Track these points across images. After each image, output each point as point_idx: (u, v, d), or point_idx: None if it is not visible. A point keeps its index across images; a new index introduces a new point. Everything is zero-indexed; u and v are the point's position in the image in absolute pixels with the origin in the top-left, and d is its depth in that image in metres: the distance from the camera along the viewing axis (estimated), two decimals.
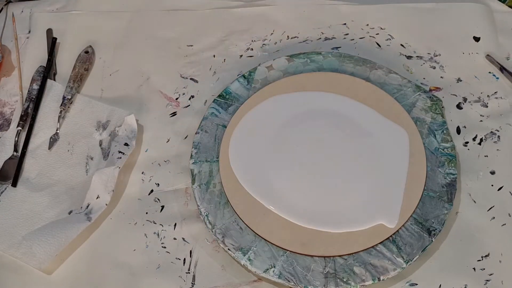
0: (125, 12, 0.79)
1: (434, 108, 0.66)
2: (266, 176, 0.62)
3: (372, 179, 0.61)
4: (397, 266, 0.55)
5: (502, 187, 0.62)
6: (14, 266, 0.59)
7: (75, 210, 0.62)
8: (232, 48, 0.75)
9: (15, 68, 0.74)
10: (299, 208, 0.59)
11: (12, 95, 0.72)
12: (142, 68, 0.74)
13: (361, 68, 0.69)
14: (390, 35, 0.75)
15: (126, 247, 0.60)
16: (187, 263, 0.59)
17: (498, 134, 0.65)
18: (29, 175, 0.65)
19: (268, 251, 0.57)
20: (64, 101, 0.69)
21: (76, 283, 0.58)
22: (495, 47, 0.73)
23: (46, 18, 0.79)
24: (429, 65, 0.72)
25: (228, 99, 0.68)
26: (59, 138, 0.68)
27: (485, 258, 0.58)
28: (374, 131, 0.64)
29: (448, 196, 0.59)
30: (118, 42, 0.76)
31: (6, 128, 0.69)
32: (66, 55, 0.75)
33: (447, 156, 0.62)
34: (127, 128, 0.66)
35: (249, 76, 0.70)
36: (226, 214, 0.60)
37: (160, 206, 0.63)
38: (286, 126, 0.65)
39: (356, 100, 0.67)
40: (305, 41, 0.75)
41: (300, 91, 0.68)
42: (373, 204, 0.59)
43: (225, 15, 0.78)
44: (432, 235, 0.57)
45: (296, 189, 0.61)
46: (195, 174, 0.62)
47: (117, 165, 0.62)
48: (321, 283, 0.55)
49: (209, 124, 0.66)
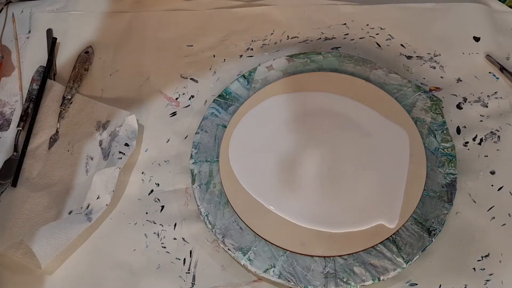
0: (125, 12, 0.79)
1: (434, 108, 0.66)
2: (266, 176, 0.62)
3: (372, 179, 0.61)
4: (397, 266, 0.55)
5: (502, 187, 0.62)
6: (14, 266, 0.59)
7: (75, 210, 0.62)
8: (232, 48, 0.75)
9: (15, 68, 0.74)
10: (299, 208, 0.59)
11: (12, 95, 0.72)
12: (142, 68, 0.74)
13: (361, 68, 0.69)
14: (390, 35, 0.75)
15: (126, 247, 0.60)
16: (187, 263, 0.59)
17: (498, 134, 0.65)
18: (29, 175, 0.65)
19: (268, 251, 0.57)
20: (64, 101, 0.69)
21: (76, 283, 0.58)
22: (495, 47, 0.73)
23: (46, 18, 0.79)
24: (429, 65, 0.72)
25: (228, 99, 0.68)
26: (59, 138, 0.68)
27: (485, 258, 0.58)
28: (374, 131, 0.64)
29: (448, 196, 0.59)
30: (118, 42, 0.76)
31: (6, 128, 0.69)
32: (66, 55, 0.75)
33: (447, 156, 0.62)
34: (128, 128, 0.66)
35: (249, 76, 0.70)
36: (226, 214, 0.60)
37: (160, 206, 0.63)
38: (286, 126, 0.65)
39: (356, 100, 0.67)
40: (305, 41, 0.75)
41: (300, 91, 0.68)
42: (373, 204, 0.59)
43: (225, 15, 0.78)
44: (432, 235, 0.57)
45: (296, 189, 0.61)
46: (195, 174, 0.62)
47: (117, 165, 0.62)
48: (321, 283, 0.55)
49: (209, 124, 0.66)
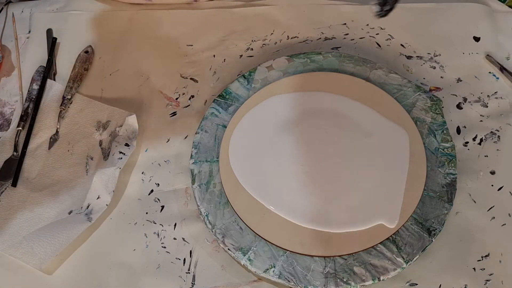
0: (125, 12, 0.79)
1: (434, 108, 0.66)
2: (266, 176, 0.62)
3: (372, 179, 0.61)
4: (397, 266, 0.55)
5: (502, 187, 0.62)
6: (14, 266, 0.59)
7: (75, 210, 0.62)
8: (232, 48, 0.75)
9: (15, 68, 0.74)
10: (299, 208, 0.59)
11: (12, 95, 0.72)
12: (142, 68, 0.74)
13: (361, 68, 0.69)
14: (390, 35, 0.75)
15: (126, 247, 0.60)
16: (187, 263, 0.59)
17: (498, 134, 0.65)
18: (29, 175, 0.65)
19: (268, 251, 0.57)
20: (64, 101, 0.69)
21: (76, 283, 0.58)
22: (495, 47, 0.73)
23: (46, 18, 0.79)
24: (429, 65, 0.72)
25: (228, 99, 0.68)
26: (59, 138, 0.68)
27: (485, 258, 0.58)
28: (374, 131, 0.64)
29: (448, 196, 0.59)
30: (118, 42, 0.76)
31: (6, 128, 0.69)
32: (66, 55, 0.75)
33: (447, 156, 0.62)
34: (128, 128, 0.66)
35: (249, 76, 0.70)
36: (226, 214, 0.60)
37: (160, 206, 0.63)
38: (286, 126, 0.65)
39: (356, 100, 0.67)
40: (305, 41, 0.75)
41: (300, 91, 0.68)
42: (373, 204, 0.59)
43: (225, 15, 0.78)
44: (432, 235, 0.57)
45: (296, 189, 0.61)
46: (195, 174, 0.62)
47: (117, 165, 0.62)
48: (321, 283, 0.55)
49: (209, 124, 0.66)
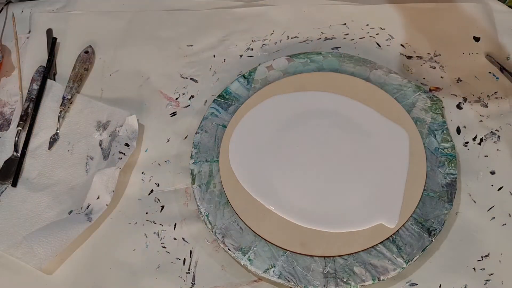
0: (125, 12, 0.79)
1: (434, 108, 0.66)
2: (266, 176, 0.62)
3: (372, 179, 0.61)
4: (397, 266, 0.55)
5: (502, 187, 0.62)
6: (14, 266, 0.59)
7: (75, 210, 0.62)
8: (232, 48, 0.75)
9: (15, 68, 0.74)
10: (299, 208, 0.59)
11: (12, 95, 0.72)
12: (142, 68, 0.74)
13: (361, 68, 0.69)
14: (390, 35, 0.75)
15: (126, 247, 0.60)
16: (187, 263, 0.59)
17: (498, 134, 0.65)
18: (29, 175, 0.65)
19: (268, 251, 0.57)
20: (64, 101, 0.69)
21: (76, 283, 0.58)
22: (495, 47, 0.73)
23: (46, 18, 0.79)
24: (429, 65, 0.72)
25: (228, 99, 0.68)
26: (59, 138, 0.68)
27: (485, 258, 0.58)
28: (374, 131, 0.64)
29: (448, 196, 0.59)
30: (118, 42, 0.76)
31: (6, 128, 0.69)
32: (66, 55, 0.75)
33: (447, 156, 0.62)
34: (128, 128, 0.66)
35: (249, 76, 0.70)
36: (226, 214, 0.60)
37: (160, 206, 0.63)
38: (286, 126, 0.65)
39: (356, 100, 0.67)
40: (305, 41, 0.75)
41: (300, 91, 0.68)
42: (373, 204, 0.59)
43: (225, 15, 0.78)
44: (432, 235, 0.57)
45: (296, 189, 0.61)
46: (195, 174, 0.62)
47: (117, 165, 0.62)
48: (321, 283, 0.55)
49: (209, 124, 0.66)
